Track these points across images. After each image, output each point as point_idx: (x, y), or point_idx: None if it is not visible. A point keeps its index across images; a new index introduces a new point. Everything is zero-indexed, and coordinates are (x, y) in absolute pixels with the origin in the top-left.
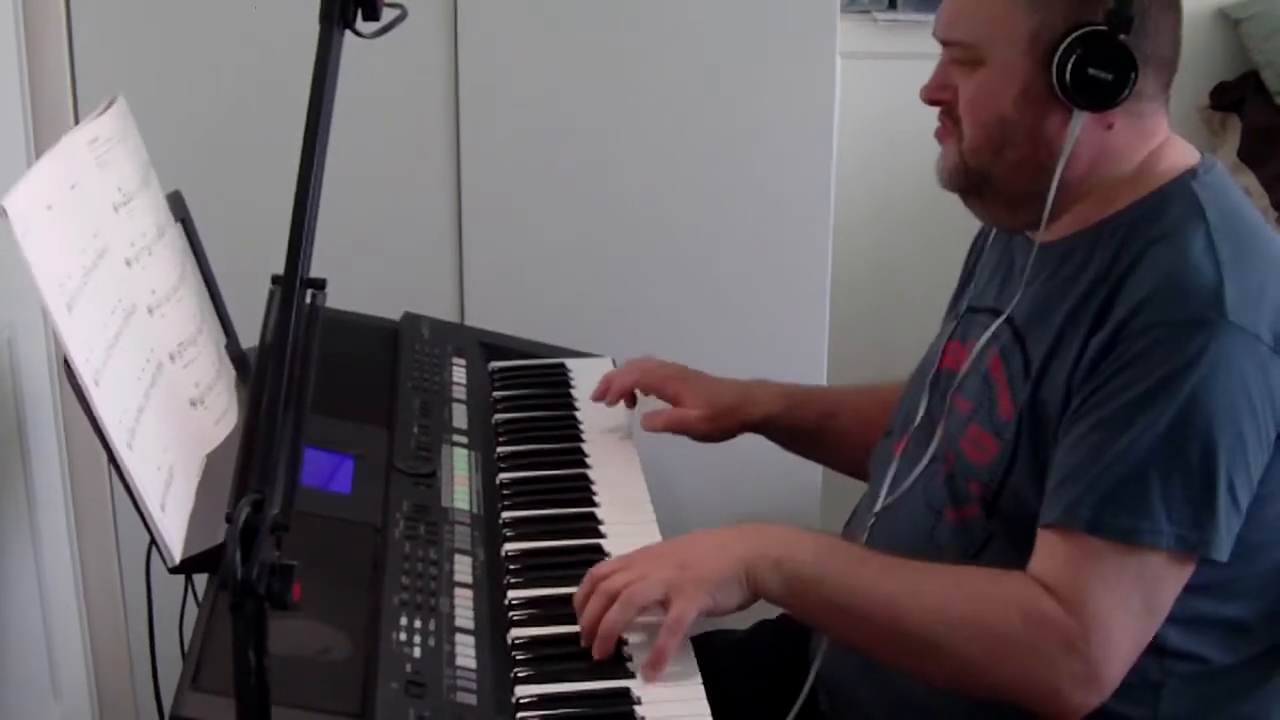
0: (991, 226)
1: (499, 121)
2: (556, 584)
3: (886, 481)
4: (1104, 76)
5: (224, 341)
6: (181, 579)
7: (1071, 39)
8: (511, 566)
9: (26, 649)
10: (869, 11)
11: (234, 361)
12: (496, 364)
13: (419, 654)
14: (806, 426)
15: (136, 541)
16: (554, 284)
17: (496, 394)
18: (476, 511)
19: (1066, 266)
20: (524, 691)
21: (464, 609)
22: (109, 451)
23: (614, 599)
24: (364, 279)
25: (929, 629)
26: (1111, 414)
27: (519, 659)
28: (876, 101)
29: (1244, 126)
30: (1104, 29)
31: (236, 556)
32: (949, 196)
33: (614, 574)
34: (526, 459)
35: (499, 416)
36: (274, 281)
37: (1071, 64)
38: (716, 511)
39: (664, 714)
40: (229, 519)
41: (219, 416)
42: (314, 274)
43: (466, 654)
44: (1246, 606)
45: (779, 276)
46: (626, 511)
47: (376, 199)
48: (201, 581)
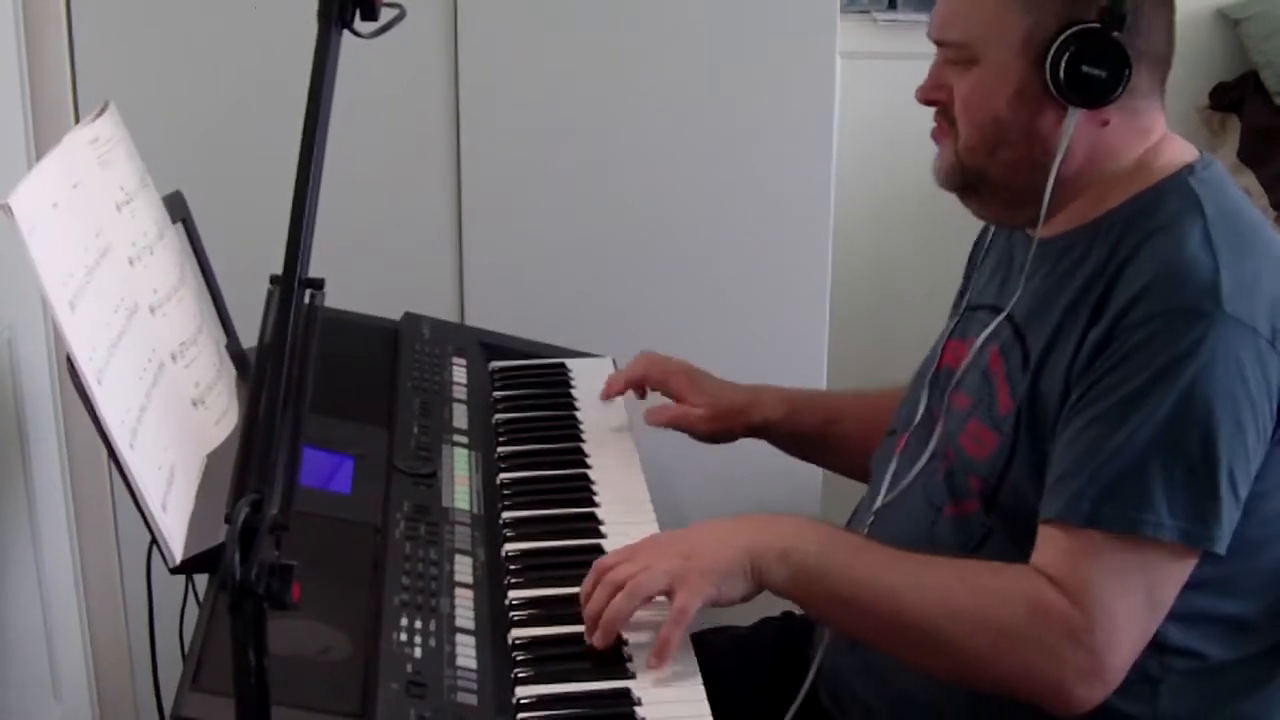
0: (990, 224)
1: (499, 121)
2: (557, 584)
3: (886, 479)
4: (1098, 74)
5: (224, 341)
6: (182, 579)
7: (1065, 37)
8: (512, 567)
9: (26, 649)
10: (869, 11)
11: (234, 361)
12: (497, 364)
13: (419, 654)
14: (808, 432)
15: (137, 541)
16: (554, 284)
17: (497, 394)
18: (477, 511)
19: (1064, 261)
20: (524, 692)
21: (464, 609)
22: (111, 451)
23: (619, 589)
24: (364, 279)
25: (932, 621)
26: (1110, 408)
27: (519, 659)
28: (876, 102)
29: (1243, 127)
30: (1097, 26)
31: (235, 557)
32: (949, 196)
33: (619, 565)
34: (527, 459)
35: (499, 416)
36: (273, 281)
37: (1065, 62)
38: (717, 512)
39: (664, 714)
40: (228, 519)
41: (219, 416)
42: (314, 274)
43: (467, 654)
44: (1247, 604)
45: (779, 276)
46: (627, 511)
47: (376, 199)
48: (202, 581)
